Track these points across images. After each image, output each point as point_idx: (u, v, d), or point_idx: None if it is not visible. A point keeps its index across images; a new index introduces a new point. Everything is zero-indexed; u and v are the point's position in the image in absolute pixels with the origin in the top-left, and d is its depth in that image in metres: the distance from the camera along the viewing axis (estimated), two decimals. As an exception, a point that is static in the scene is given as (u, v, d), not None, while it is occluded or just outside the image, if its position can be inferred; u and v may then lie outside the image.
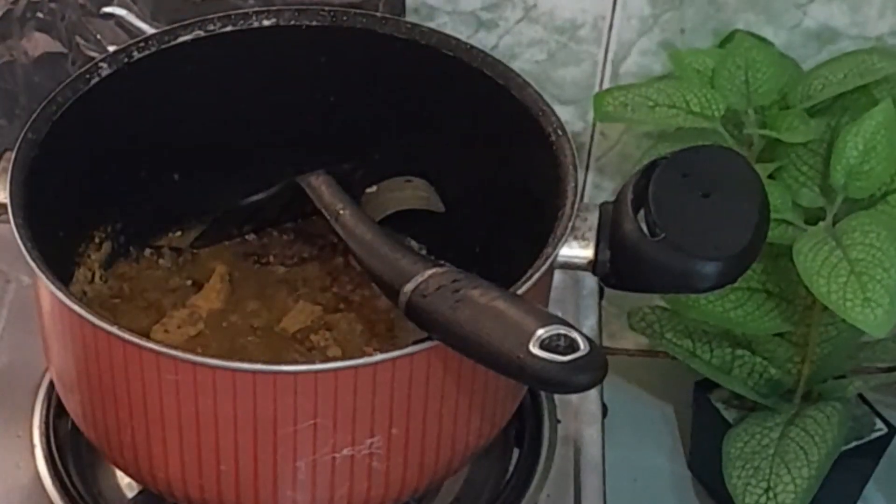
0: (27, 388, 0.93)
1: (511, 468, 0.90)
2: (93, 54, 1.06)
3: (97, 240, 0.91)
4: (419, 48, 0.87)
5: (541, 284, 0.74)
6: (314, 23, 0.89)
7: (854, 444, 1.21)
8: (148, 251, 0.95)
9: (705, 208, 0.75)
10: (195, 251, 0.96)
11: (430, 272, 0.70)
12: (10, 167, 0.76)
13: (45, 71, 1.07)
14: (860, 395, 1.25)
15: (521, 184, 0.86)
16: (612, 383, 1.26)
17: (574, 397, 0.97)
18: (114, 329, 0.69)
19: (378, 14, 0.89)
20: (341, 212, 0.86)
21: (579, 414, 0.96)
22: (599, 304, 1.06)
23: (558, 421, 0.94)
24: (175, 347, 0.70)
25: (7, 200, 0.75)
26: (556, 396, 0.95)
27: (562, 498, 0.90)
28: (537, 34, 1.13)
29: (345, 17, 0.88)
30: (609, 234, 0.76)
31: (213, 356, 0.69)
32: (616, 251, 0.76)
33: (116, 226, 0.92)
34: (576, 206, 0.75)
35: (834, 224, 1.03)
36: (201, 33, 0.87)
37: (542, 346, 0.60)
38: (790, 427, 1.13)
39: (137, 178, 0.91)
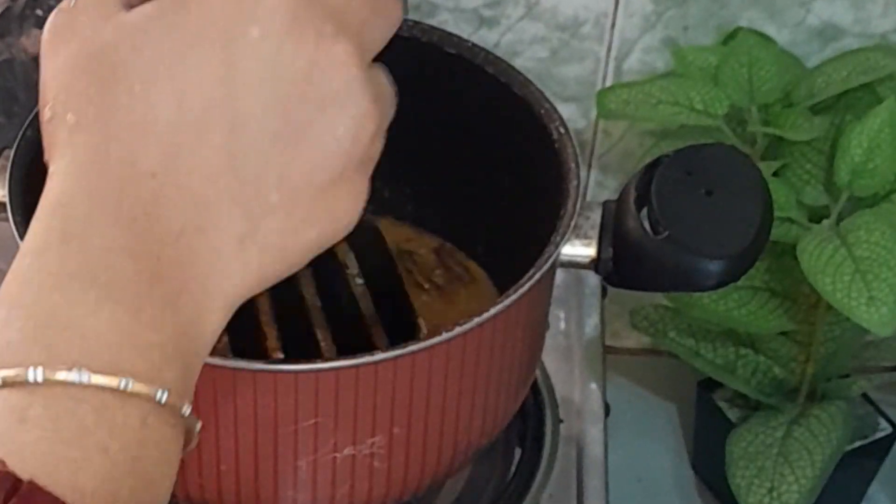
0: (27, 388, 0.92)
1: (513, 468, 0.90)
2: (93, 52, 1.05)
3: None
4: (420, 46, 0.87)
5: (543, 283, 0.74)
6: (315, 20, 0.88)
7: (858, 443, 1.21)
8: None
9: (708, 206, 0.74)
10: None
11: None
12: (9, 165, 0.76)
13: (44, 69, 1.07)
14: (864, 395, 1.24)
15: (522, 182, 0.85)
16: (615, 383, 1.26)
17: (577, 397, 0.97)
18: (113, 328, 0.68)
19: (379, 11, 0.89)
20: None
21: (582, 413, 0.96)
22: (602, 302, 1.06)
23: (561, 420, 0.93)
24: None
25: (6, 199, 0.74)
26: (559, 397, 0.95)
27: (564, 498, 0.89)
28: (539, 31, 1.13)
29: (346, 15, 0.88)
30: (612, 233, 0.76)
31: (213, 354, 0.69)
32: (619, 249, 0.76)
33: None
34: (578, 204, 0.75)
35: (838, 222, 1.03)
36: (201, 30, 0.87)
37: None
38: (794, 427, 1.13)
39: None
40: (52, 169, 0.44)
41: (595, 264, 0.77)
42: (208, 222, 0.44)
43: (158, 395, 0.42)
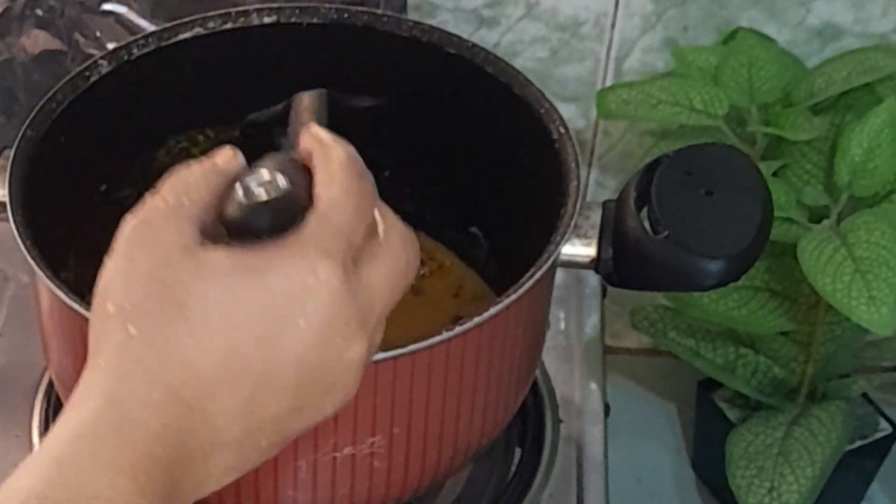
0: (26, 388, 0.92)
1: (513, 468, 0.90)
2: (92, 52, 1.05)
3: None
4: (420, 46, 0.87)
5: (543, 283, 0.74)
6: (315, 20, 0.88)
7: (858, 443, 1.21)
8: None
9: (708, 206, 0.74)
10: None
11: None
12: (9, 165, 0.76)
13: (44, 68, 1.07)
14: (864, 395, 1.24)
15: (523, 182, 0.85)
16: (615, 383, 1.26)
17: (577, 397, 0.97)
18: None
19: (379, 12, 0.89)
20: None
21: (582, 413, 0.96)
22: (602, 302, 1.06)
23: (560, 420, 0.93)
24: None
25: (6, 198, 0.74)
26: (559, 397, 0.95)
27: (564, 498, 0.89)
28: (539, 31, 1.13)
29: (346, 15, 0.88)
30: (612, 232, 0.76)
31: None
32: (619, 249, 0.76)
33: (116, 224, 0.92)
34: (578, 204, 0.75)
35: (838, 222, 1.03)
36: (201, 31, 0.87)
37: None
38: (794, 427, 1.13)
39: (137, 175, 0.91)
40: (102, 358, 0.52)
41: (595, 264, 0.77)
42: (212, 455, 0.52)
43: None
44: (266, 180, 0.53)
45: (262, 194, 0.53)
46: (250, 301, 0.51)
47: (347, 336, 0.52)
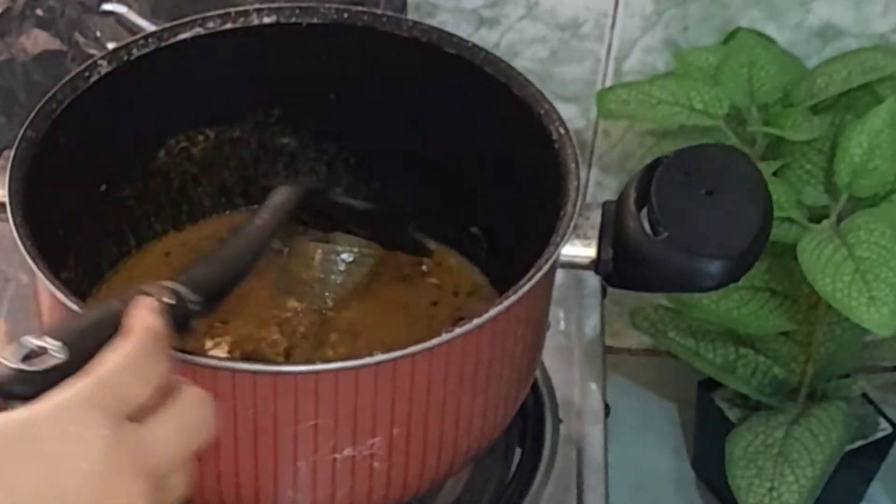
0: (27, 388, 0.92)
1: (513, 468, 0.90)
2: (92, 52, 1.05)
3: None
4: (420, 46, 0.87)
5: (543, 283, 0.74)
6: (315, 20, 0.88)
7: (858, 444, 1.21)
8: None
9: (708, 207, 0.74)
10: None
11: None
12: (9, 165, 0.76)
13: (44, 68, 1.07)
14: (864, 395, 1.24)
15: (522, 182, 0.85)
16: (615, 382, 1.26)
17: (577, 397, 0.97)
18: (113, 328, 0.68)
19: (379, 12, 0.89)
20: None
21: (582, 413, 0.96)
22: (602, 303, 1.06)
23: (560, 421, 0.93)
24: (174, 347, 0.69)
25: (6, 198, 0.74)
26: (559, 397, 0.95)
27: (564, 498, 0.89)
28: (539, 32, 1.13)
29: (346, 15, 0.88)
30: (612, 233, 0.76)
31: (212, 356, 0.68)
32: (619, 250, 0.76)
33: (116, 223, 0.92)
34: (578, 204, 0.75)
35: (838, 222, 1.03)
36: (201, 31, 0.87)
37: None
38: (794, 427, 1.13)
39: (137, 175, 0.91)
40: None
41: (595, 265, 0.76)
42: None
43: None
44: (27, 352, 0.56)
45: (21, 364, 0.56)
46: (27, 469, 0.53)
47: (125, 480, 0.56)
